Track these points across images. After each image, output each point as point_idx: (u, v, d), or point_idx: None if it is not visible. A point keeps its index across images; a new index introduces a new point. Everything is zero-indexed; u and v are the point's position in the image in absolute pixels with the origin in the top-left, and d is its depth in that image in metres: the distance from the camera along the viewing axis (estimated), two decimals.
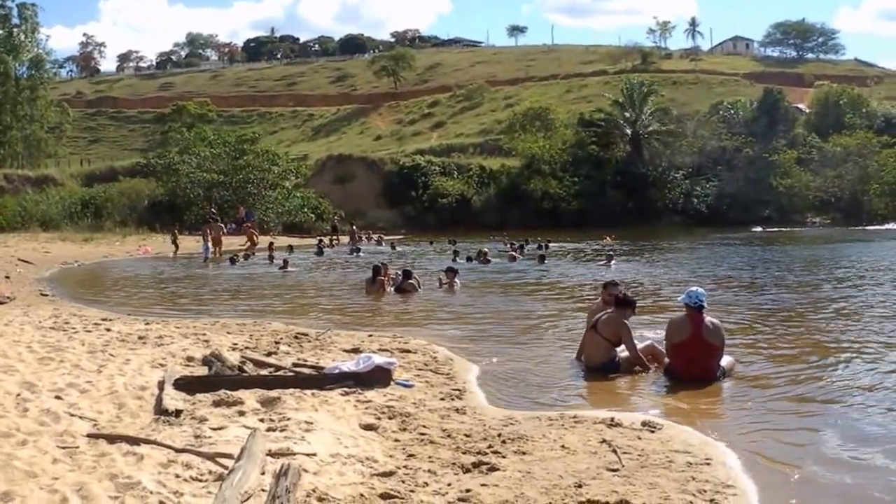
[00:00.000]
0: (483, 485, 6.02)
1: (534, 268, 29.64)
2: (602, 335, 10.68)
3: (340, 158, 79.92)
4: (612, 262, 29.69)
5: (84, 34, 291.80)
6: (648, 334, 12.02)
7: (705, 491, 5.95)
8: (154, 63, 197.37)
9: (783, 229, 62.73)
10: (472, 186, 74.06)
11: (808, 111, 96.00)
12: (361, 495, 5.65)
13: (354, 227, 53.49)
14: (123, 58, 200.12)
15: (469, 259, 31.94)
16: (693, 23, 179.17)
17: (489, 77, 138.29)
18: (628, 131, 78.84)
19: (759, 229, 61.52)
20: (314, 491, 5.53)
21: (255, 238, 43.64)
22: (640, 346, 10.82)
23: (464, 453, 6.85)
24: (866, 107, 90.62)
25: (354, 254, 39.11)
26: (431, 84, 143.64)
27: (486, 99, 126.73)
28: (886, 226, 64.14)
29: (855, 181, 74.71)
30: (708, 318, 10.12)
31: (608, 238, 46.50)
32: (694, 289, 10.33)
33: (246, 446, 5.62)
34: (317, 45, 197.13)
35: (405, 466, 6.43)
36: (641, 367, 10.63)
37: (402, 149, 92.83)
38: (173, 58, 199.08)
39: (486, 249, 33.28)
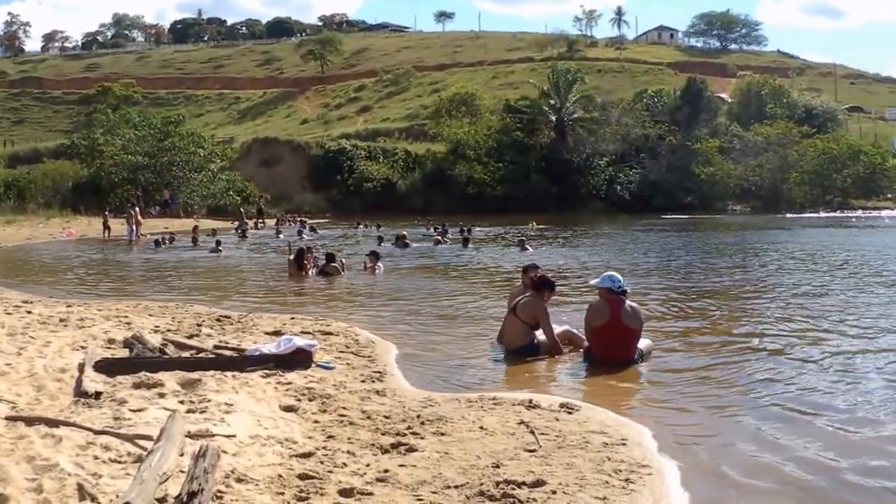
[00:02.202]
0: (401, 465, 6.05)
1: (457, 252, 29.80)
2: (521, 318, 10.74)
3: (266, 141, 79.62)
4: (526, 246, 29.95)
5: (9, 13, 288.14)
6: (567, 318, 12.14)
7: (620, 471, 6.01)
8: (80, 43, 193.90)
9: (693, 216, 63.43)
10: (398, 171, 74.30)
11: (730, 101, 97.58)
12: (280, 476, 5.66)
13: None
14: (48, 38, 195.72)
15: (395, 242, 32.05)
16: (619, 12, 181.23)
17: (416, 62, 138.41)
18: (553, 118, 79.46)
19: (669, 216, 61.97)
20: (233, 472, 5.53)
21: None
22: (556, 330, 10.91)
23: (383, 434, 6.88)
24: (787, 97, 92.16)
25: (300, 235, 39.02)
26: (358, 69, 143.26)
27: (413, 84, 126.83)
28: (805, 214, 65.34)
29: (775, 170, 76.07)
30: (627, 303, 10.25)
31: (535, 223, 46.74)
32: (611, 273, 10.50)
33: (165, 428, 5.61)
34: (244, 28, 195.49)
35: (324, 447, 6.44)
36: (556, 350, 10.69)
37: (328, 133, 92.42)
38: (99, 38, 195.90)
39: (405, 233, 33.40)
